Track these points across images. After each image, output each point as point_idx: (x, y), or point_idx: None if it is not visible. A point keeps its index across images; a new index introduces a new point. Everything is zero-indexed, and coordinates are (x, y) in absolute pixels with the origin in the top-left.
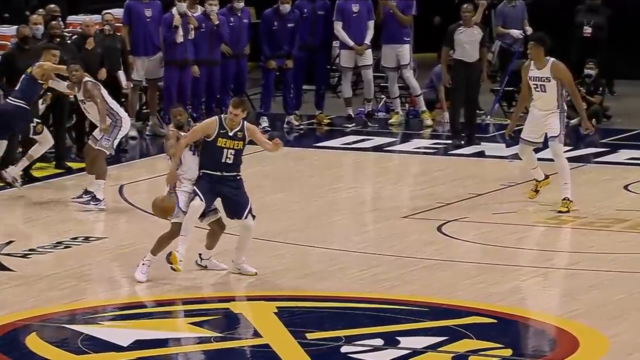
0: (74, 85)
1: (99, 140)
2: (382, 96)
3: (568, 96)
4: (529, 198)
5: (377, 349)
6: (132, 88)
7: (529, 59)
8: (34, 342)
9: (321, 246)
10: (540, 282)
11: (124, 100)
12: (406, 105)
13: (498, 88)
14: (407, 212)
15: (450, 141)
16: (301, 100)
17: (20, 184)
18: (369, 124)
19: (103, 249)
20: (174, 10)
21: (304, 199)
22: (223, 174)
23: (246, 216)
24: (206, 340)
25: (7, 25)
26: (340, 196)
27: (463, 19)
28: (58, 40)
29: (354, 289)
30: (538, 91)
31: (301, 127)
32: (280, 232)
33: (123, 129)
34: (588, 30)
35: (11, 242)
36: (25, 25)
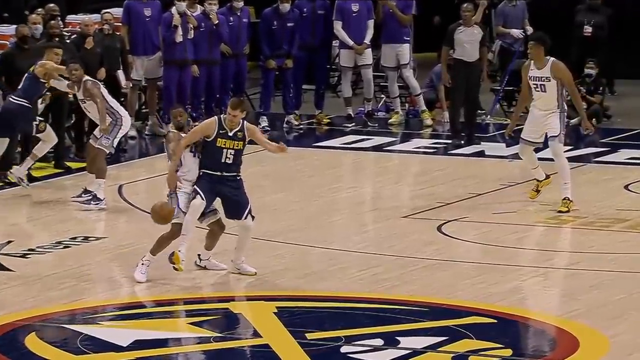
0: (74, 84)
1: (98, 138)
2: (382, 96)
3: (568, 96)
4: (529, 198)
5: (377, 349)
6: (132, 87)
7: (529, 59)
8: (33, 342)
9: (321, 246)
10: (540, 282)
11: (123, 99)
12: (406, 105)
13: (498, 88)
14: (407, 212)
15: (450, 141)
16: (301, 99)
17: (26, 184)
18: (369, 124)
19: (102, 249)
20: (173, 10)
21: (303, 199)
22: (223, 174)
23: (246, 216)
24: (206, 340)
25: (7, 25)
26: (340, 196)
27: (463, 18)
28: (57, 39)
29: (354, 289)
30: (538, 91)
31: (301, 127)
32: (280, 232)
33: (123, 127)
34: (588, 29)
35: (10, 242)
36: (25, 25)
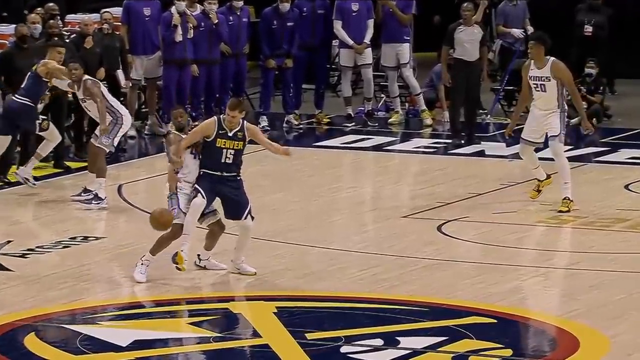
0: (74, 83)
1: (98, 137)
2: (382, 95)
3: (569, 95)
4: (530, 198)
5: (377, 349)
6: (131, 87)
7: (529, 59)
8: (32, 342)
9: (321, 246)
10: (540, 282)
11: (122, 99)
12: (406, 105)
13: (498, 87)
14: (407, 212)
15: (450, 140)
16: (301, 99)
17: (32, 183)
18: (369, 123)
19: (102, 249)
20: (173, 9)
21: (303, 199)
22: (223, 174)
23: (245, 217)
24: (205, 340)
25: (6, 24)
26: (339, 196)
27: (463, 17)
28: (56, 39)
29: (354, 289)
30: (538, 91)
31: (301, 127)
32: (279, 232)
33: (124, 126)
34: (589, 29)
35: (10, 242)
36: (24, 24)
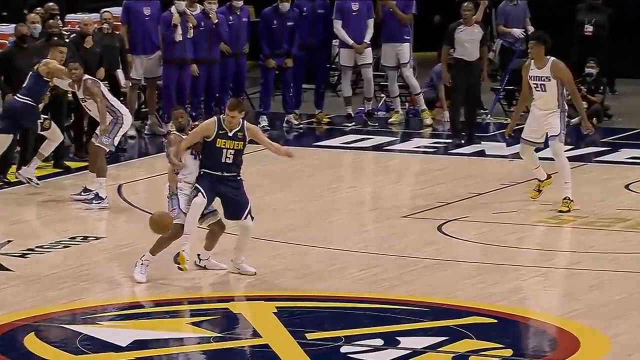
0: (74, 83)
1: (99, 136)
2: (382, 95)
3: (569, 95)
4: (531, 198)
5: (377, 349)
6: (131, 87)
7: (530, 58)
8: (32, 342)
9: (321, 246)
10: (540, 282)
11: (122, 99)
12: (406, 104)
13: (498, 87)
14: (407, 212)
15: (450, 140)
16: (301, 99)
17: (36, 182)
18: (369, 123)
19: (102, 249)
20: (172, 9)
21: (303, 199)
22: (223, 174)
23: (245, 217)
24: (205, 340)
25: (6, 24)
26: (340, 195)
27: (463, 17)
28: (55, 39)
29: (354, 289)
30: (538, 90)
31: (301, 126)
32: (279, 232)
33: (124, 125)
34: (589, 28)
35: (10, 242)
36: (24, 24)
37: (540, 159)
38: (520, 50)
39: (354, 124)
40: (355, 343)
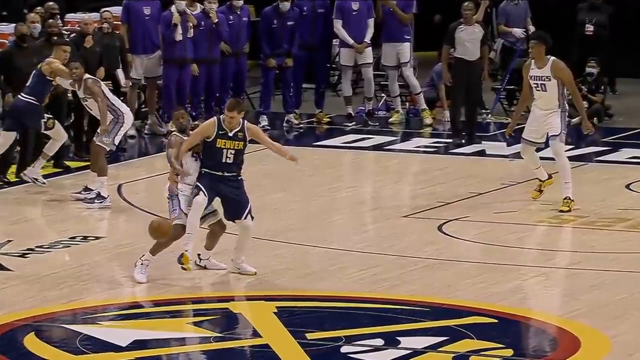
0: (75, 82)
1: (99, 136)
2: (383, 95)
3: (569, 95)
4: (532, 198)
5: (378, 349)
6: (131, 86)
7: (530, 58)
8: (32, 342)
9: (321, 246)
10: (541, 282)
11: (122, 98)
12: (406, 104)
13: (499, 86)
14: (408, 212)
15: (450, 140)
16: (301, 98)
17: (41, 182)
18: (369, 123)
19: (102, 249)
20: (173, 8)
21: (303, 198)
22: (224, 173)
23: (245, 216)
24: (205, 340)
25: (6, 24)
26: (340, 195)
27: (464, 17)
28: (55, 38)
29: (354, 288)
30: (539, 90)
31: (301, 126)
32: (280, 232)
33: (125, 124)
34: (590, 28)
35: (10, 242)
36: (23, 24)
37: (541, 158)
38: (521, 49)
39: (354, 123)
40: (356, 343)
